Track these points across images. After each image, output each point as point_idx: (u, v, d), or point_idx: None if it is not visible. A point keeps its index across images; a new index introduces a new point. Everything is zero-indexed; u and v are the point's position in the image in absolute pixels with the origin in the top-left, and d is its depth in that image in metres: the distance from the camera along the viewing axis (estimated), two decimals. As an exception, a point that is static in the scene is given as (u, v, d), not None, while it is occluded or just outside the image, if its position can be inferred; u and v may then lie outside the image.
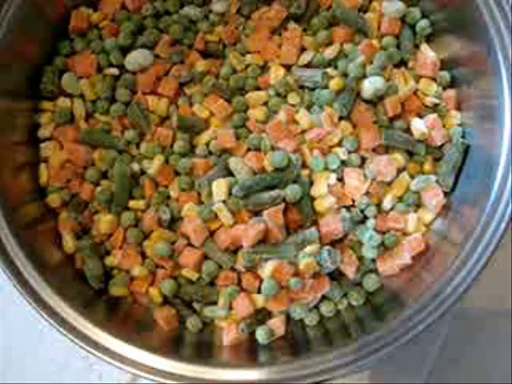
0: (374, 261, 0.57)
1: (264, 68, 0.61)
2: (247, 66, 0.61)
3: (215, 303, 0.56)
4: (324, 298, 0.56)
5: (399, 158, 0.57)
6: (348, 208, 0.57)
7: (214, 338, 0.56)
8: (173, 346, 0.53)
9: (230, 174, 0.56)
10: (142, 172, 0.59)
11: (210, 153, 0.59)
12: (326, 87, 0.58)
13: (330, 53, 0.60)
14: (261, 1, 0.63)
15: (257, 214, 0.55)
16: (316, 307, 0.56)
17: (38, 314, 0.51)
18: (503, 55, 0.53)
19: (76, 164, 0.58)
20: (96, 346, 0.50)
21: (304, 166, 0.57)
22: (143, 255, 0.57)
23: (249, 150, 0.58)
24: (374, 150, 0.57)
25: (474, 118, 0.57)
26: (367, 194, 0.57)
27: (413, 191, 0.57)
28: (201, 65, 0.61)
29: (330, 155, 0.57)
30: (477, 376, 0.63)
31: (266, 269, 0.53)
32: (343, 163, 0.57)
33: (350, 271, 0.55)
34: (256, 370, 0.50)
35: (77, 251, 0.57)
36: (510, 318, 0.64)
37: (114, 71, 0.61)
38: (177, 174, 0.58)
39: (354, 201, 0.57)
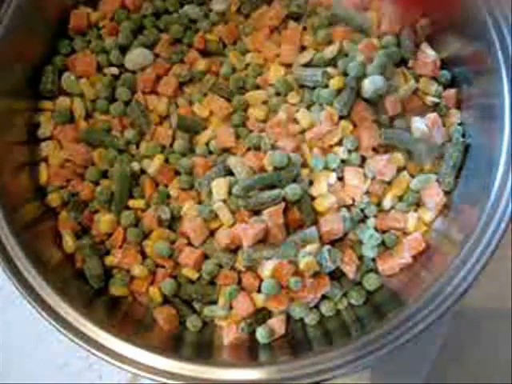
0: (374, 260, 0.57)
1: (264, 67, 0.61)
2: (247, 65, 0.61)
3: (215, 303, 0.56)
4: (324, 297, 0.56)
5: (399, 157, 0.57)
6: (348, 207, 0.57)
7: (214, 337, 0.56)
8: (173, 346, 0.53)
9: (230, 173, 0.56)
10: (142, 171, 0.59)
11: (210, 152, 0.59)
12: (326, 86, 0.58)
13: (330, 52, 0.59)
14: (261, 0, 0.63)
15: (257, 213, 0.55)
16: (316, 307, 0.56)
17: (38, 314, 0.51)
18: (503, 55, 0.53)
19: (76, 163, 0.58)
20: (96, 345, 0.50)
21: (304, 165, 0.57)
22: (143, 255, 0.57)
23: (249, 149, 0.58)
24: (374, 149, 0.57)
25: (474, 117, 0.57)
26: (367, 193, 0.57)
27: (413, 190, 0.57)
28: (201, 64, 0.61)
29: (330, 154, 0.57)
30: (477, 376, 0.63)
31: (266, 268, 0.53)
32: (343, 162, 0.57)
33: (350, 271, 0.55)
34: (256, 369, 0.50)
35: (77, 251, 0.57)
36: (510, 317, 0.64)
37: (114, 70, 0.61)
38: (177, 173, 0.58)
39: (354, 200, 0.57)
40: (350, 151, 0.57)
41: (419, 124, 0.57)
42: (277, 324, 0.55)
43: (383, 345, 0.49)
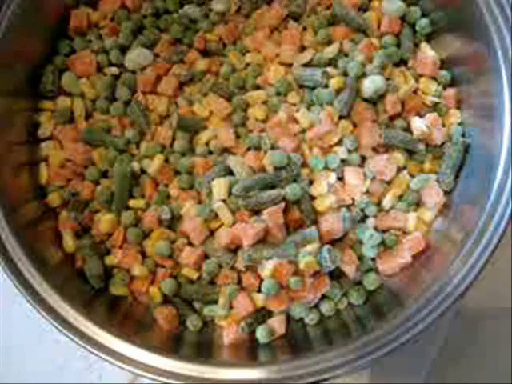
0: (373, 260, 0.57)
1: (264, 67, 0.61)
2: (247, 65, 0.61)
3: (215, 302, 0.56)
4: (324, 297, 0.56)
5: (399, 156, 0.57)
6: (348, 207, 0.57)
7: (214, 337, 0.56)
8: (173, 346, 0.53)
9: (230, 173, 0.56)
10: (142, 171, 0.59)
11: (210, 152, 0.59)
12: (326, 86, 0.58)
13: (329, 52, 0.60)
14: (261, 0, 0.63)
15: (257, 213, 0.55)
16: (316, 306, 0.56)
17: (38, 314, 0.51)
18: (503, 54, 0.53)
19: (76, 163, 0.58)
20: (96, 345, 0.50)
21: (304, 165, 0.57)
22: (143, 254, 0.57)
23: (249, 149, 0.58)
24: (373, 148, 0.57)
25: (474, 117, 0.57)
26: (367, 192, 0.57)
27: (413, 190, 0.57)
28: (201, 64, 0.61)
29: (330, 154, 0.57)
30: (477, 376, 0.63)
31: (266, 268, 0.53)
32: (343, 162, 0.57)
33: (350, 270, 0.55)
34: (256, 369, 0.50)
35: (77, 250, 0.57)
36: (510, 317, 0.64)
37: (114, 70, 0.61)
38: (177, 173, 0.58)
39: (354, 200, 0.57)
40: (349, 151, 0.57)
41: (419, 124, 0.57)
42: (277, 324, 0.55)
43: (383, 345, 0.49)
